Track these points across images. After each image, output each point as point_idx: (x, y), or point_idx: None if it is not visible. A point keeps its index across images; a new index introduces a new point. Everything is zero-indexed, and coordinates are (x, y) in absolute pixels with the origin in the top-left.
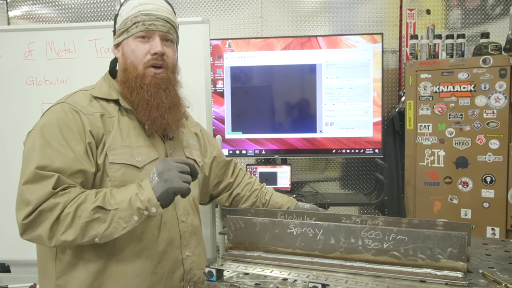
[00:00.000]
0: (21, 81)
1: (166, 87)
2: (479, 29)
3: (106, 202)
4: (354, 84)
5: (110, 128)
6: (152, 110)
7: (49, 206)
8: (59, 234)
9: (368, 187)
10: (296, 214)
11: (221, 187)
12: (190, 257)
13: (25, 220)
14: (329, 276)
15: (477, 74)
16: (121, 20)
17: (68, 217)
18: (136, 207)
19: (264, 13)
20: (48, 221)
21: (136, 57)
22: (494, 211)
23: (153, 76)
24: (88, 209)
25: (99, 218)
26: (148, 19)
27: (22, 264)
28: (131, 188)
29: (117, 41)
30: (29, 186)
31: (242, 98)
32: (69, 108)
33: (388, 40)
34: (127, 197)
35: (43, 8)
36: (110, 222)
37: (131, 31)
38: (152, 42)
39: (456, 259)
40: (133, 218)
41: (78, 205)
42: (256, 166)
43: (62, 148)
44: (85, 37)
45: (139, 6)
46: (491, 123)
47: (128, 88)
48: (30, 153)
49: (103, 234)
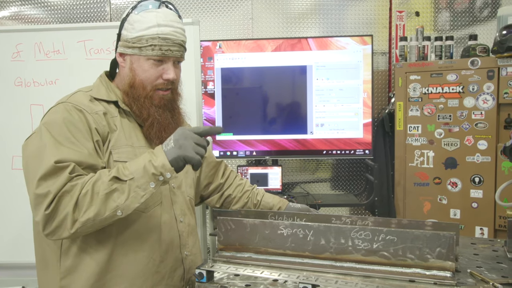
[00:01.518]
0: (9, 82)
1: (172, 107)
2: (467, 31)
3: (120, 173)
4: (344, 85)
5: (114, 127)
6: (162, 131)
7: (67, 189)
8: (81, 215)
9: (359, 187)
10: (287, 215)
11: (211, 188)
12: (189, 257)
13: (47, 210)
14: (319, 276)
15: (466, 76)
16: (134, 33)
17: (87, 196)
18: (151, 173)
19: (255, 15)
20: (69, 203)
21: (147, 78)
22: (482, 211)
23: (161, 98)
24: (105, 181)
25: (117, 189)
26: (165, 44)
27: (10, 267)
28: (144, 156)
29: (125, 52)
30: (47, 179)
31: (232, 100)
32: (72, 107)
33: (378, 41)
34: (140, 165)
35: (32, 8)
36: (129, 192)
37: (146, 51)
38: (165, 67)
39: (444, 258)
40: (149, 185)
41: (94, 182)
42: (247, 167)
43: (74, 146)
44: (74, 38)
45: (157, 28)
46: (479, 124)
47: (137, 105)
48: (42, 152)
49: (124, 204)
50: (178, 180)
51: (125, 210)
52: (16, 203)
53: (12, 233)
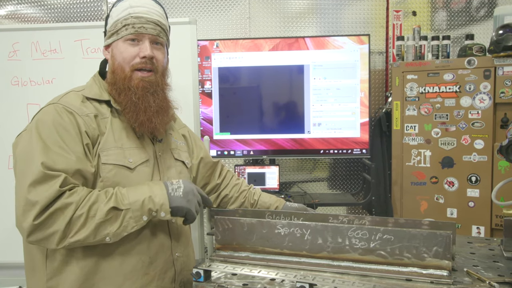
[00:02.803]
0: (6, 81)
1: (154, 90)
2: (464, 30)
3: (119, 202)
4: (342, 85)
5: (103, 129)
6: (140, 113)
7: (61, 206)
8: (71, 235)
9: (356, 187)
10: (284, 215)
11: (208, 188)
12: (181, 258)
13: (36, 221)
14: (317, 275)
15: (462, 75)
16: (111, 21)
17: (82, 218)
18: (148, 208)
19: (252, 14)
20: (61, 222)
21: (124, 59)
22: (479, 210)
23: (140, 79)
24: (103, 210)
25: (111, 218)
26: (138, 22)
27: (7, 267)
28: (143, 190)
29: (107, 43)
30: (36, 186)
31: (230, 99)
32: (62, 109)
33: (375, 41)
34: (140, 198)
35: (28, 7)
36: (122, 221)
37: (121, 33)
38: (142, 46)
39: (441, 257)
40: (142, 218)
41: (90, 205)
42: (244, 166)
43: (63, 151)
44: (71, 37)
45: (129, 9)
46: (476, 123)
47: (116, 89)
48: (31, 154)
49: (114, 233)
50: None
51: (114, 238)
52: (12, 203)
53: (8, 233)
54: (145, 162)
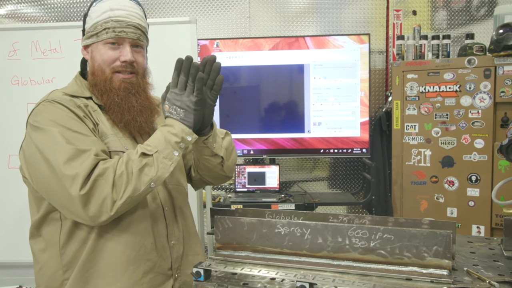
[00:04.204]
0: (6, 81)
1: (136, 91)
2: (464, 30)
3: (144, 149)
4: (342, 84)
5: (97, 119)
6: (124, 113)
7: (100, 172)
8: (121, 195)
9: (356, 186)
10: (284, 214)
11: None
12: (176, 246)
13: (82, 191)
14: (317, 275)
15: (462, 75)
16: (90, 22)
17: (123, 176)
18: (173, 141)
19: (252, 13)
20: (106, 186)
21: (104, 62)
22: (479, 210)
23: (121, 81)
24: (135, 159)
25: (147, 164)
26: (118, 26)
27: (7, 267)
28: (157, 133)
29: (86, 43)
30: (71, 163)
31: (230, 98)
32: (55, 103)
33: (375, 40)
34: (161, 138)
35: (28, 7)
36: (158, 164)
37: (101, 36)
38: (123, 50)
39: (441, 257)
40: (174, 154)
41: (126, 162)
42: (244, 166)
43: (77, 134)
44: (71, 37)
45: (109, 12)
46: (476, 122)
47: (98, 91)
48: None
49: (156, 176)
50: None
51: (157, 181)
52: (12, 202)
53: (9, 232)
54: None
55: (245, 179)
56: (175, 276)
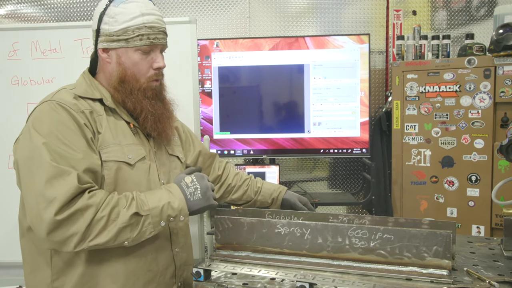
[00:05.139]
0: (6, 81)
1: (161, 96)
2: (464, 30)
3: (139, 208)
4: (342, 84)
5: (100, 126)
6: (157, 122)
7: (82, 207)
8: (91, 238)
9: (356, 186)
10: (284, 214)
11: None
12: (180, 254)
13: (58, 217)
14: (317, 275)
15: (462, 75)
16: (117, 26)
17: (102, 221)
18: (167, 214)
19: (252, 13)
20: (82, 224)
21: (139, 71)
22: (479, 210)
23: (153, 89)
24: (126, 215)
25: (133, 224)
26: (152, 33)
27: (7, 267)
28: (162, 195)
29: (109, 46)
30: (53, 182)
31: (230, 98)
32: (58, 105)
33: (375, 40)
34: (159, 204)
35: (28, 7)
36: (141, 227)
37: (133, 42)
38: (154, 56)
39: (441, 257)
40: (160, 224)
41: (111, 208)
42: (244, 166)
43: (67, 147)
44: (71, 37)
45: (141, 17)
46: (476, 123)
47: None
48: (36, 153)
49: (134, 238)
50: (167, 176)
51: (132, 242)
52: (12, 202)
53: (9, 233)
54: (143, 158)
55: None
56: (178, 284)
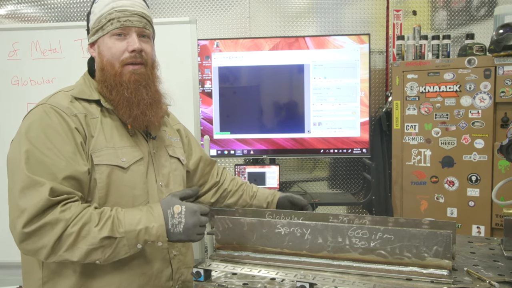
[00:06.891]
0: (6, 81)
1: (146, 83)
2: (464, 30)
3: (114, 230)
4: (342, 84)
5: (93, 130)
6: (133, 107)
7: (51, 221)
8: (61, 252)
9: (356, 186)
10: (284, 214)
11: (207, 187)
12: (177, 256)
13: (25, 229)
14: (317, 275)
15: (462, 75)
16: (94, 18)
17: (72, 237)
18: (143, 239)
19: (252, 14)
20: (51, 237)
21: (113, 55)
22: (479, 210)
23: (131, 73)
24: (97, 237)
25: (104, 246)
26: (123, 15)
27: (8, 267)
28: (141, 218)
29: (92, 40)
30: (25, 192)
31: (230, 98)
32: (50, 109)
33: (375, 40)
34: (136, 228)
35: (28, 7)
36: (115, 248)
37: (106, 28)
38: (129, 39)
39: (441, 257)
40: (136, 246)
41: (82, 224)
42: (244, 166)
43: (52, 153)
44: (71, 37)
45: (112, 3)
46: (476, 123)
47: (107, 87)
48: (18, 159)
49: (106, 258)
50: (165, 178)
51: (104, 262)
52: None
53: (8, 233)
54: (139, 160)
55: (245, 179)
56: (175, 287)
